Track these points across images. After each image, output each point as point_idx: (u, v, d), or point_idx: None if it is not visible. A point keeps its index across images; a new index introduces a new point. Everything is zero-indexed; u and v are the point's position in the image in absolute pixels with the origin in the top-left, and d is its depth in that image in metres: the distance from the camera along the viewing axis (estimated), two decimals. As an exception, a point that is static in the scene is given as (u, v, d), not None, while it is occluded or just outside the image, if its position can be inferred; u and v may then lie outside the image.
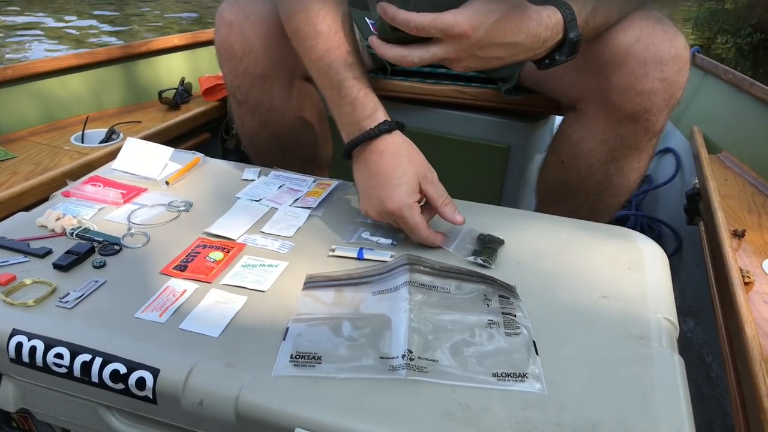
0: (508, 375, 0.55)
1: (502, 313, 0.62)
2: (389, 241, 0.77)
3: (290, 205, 0.85)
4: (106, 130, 1.43)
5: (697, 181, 1.39)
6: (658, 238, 1.62)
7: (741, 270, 0.96)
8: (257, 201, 0.86)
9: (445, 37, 0.69)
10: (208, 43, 1.83)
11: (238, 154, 1.53)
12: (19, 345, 0.60)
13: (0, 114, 1.39)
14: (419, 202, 0.76)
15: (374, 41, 0.72)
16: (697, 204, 1.34)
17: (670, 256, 1.54)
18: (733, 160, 1.45)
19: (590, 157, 0.96)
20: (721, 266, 1.01)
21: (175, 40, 1.75)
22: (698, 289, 1.31)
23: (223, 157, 1.72)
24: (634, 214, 1.63)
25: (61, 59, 1.50)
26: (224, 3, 1.01)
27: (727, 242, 1.04)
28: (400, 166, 0.75)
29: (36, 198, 1.13)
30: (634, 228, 1.64)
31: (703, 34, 6.60)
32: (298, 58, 1.04)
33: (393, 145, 0.77)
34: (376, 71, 1.25)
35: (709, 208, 1.20)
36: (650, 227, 1.62)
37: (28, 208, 1.12)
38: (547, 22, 0.73)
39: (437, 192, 0.77)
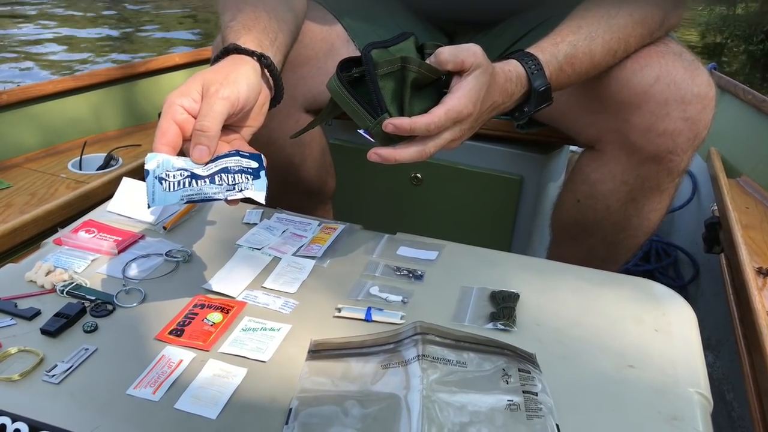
0: (530, 469, 0.51)
1: (523, 392, 0.58)
2: (399, 298, 0.73)
3: (293, 255, 0.81)
4: (105, 155, 1.40)
5: (715, 207, 1.34)
6: (674, 264, 1.57)
7: (769, 315, 0.91)
8: (259, 249, 0.82)
9: (455, 122, 0.67)
10: (209, 60, 1.80)
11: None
12: (3, 427, 0.56)
13: None
14: None
15: (383, 152, 0.67)
16: (716, 233, 1.29)
17: (686, 284, 1.51)
18: (753, 186, 1.40)
19: (608, 198, 0.91)
20: (747, 310, 0.96)
21: (176, 58, 1.71)
22: (718, 321, 1.26)
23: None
24: (650, 239, 1.58)
25: (57, 82, 1.46)
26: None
27: (753, 282, 1.00)
28: (199, 73, 0.67)
29: (30, 233, 1.10)
30: (648, 252, 1.60)
31: (715, 38, 6.49)
32: (298, 89, 1.00)
33: (219, 62, 0.70)
34: None
35: (730, 241, 1.15)
36: (666, 252, 1.58)
37: (21, 246, 1.10)
38: (510, 76, 0.73)
39: (201, 110, 0.64)
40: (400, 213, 1.28)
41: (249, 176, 0.65)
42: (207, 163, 0.65)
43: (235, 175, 0.65)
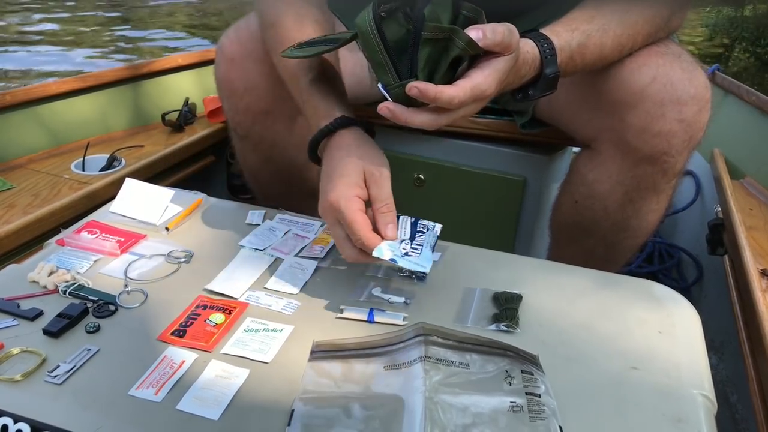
0: (533, 471, 0.51)
1: (526, 394, 0.57)
2: (402, 299, 0.73)
3: (296, 255, 0.81)
4: (108, 156, 1.40)
5: (719, 209, 1.34)
6: (678, 266, 1.57)
7: (773, 318, 0.91)
8: (261, 250, 0.81)
9: (475, 100, 0.64)
10: (213, 62, 1.80)
11: (244, 179, 1.49)
12: (5, 428, 0.56)
13: None
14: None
15: (396, 110, 0.65)
16: (720, 235, 1.28)
17: (690, 286, 1.50)
18: (757, 187, 1.39)
19: (606, 199, 0.91)
20: (751, 312, 0.96)
21: (179, 59, 1.71)
22: (721, 323, 1.26)
23: (228, 181, 1.69)
24: (653, 241, 1.58)
25: (61, 83, 1.46)
26: (224, 38, 0.97)
27: (757, 284, 0.99)
28: (345, 159, 0.71)
29: (33, 234, 1.10)
30: (652, 254, 1.60)
31: (722, 40, 6.42)
32: None
33: (346, 138, 0.74)
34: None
35: (734, 242, 1.14)
36: (669, 254, 1.57)
37: (23, 246, 1.10)
38: (525, 58, 0.70)
39: (378, 194, 0.70)
40: (403, 214, 1.28)
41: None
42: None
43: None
